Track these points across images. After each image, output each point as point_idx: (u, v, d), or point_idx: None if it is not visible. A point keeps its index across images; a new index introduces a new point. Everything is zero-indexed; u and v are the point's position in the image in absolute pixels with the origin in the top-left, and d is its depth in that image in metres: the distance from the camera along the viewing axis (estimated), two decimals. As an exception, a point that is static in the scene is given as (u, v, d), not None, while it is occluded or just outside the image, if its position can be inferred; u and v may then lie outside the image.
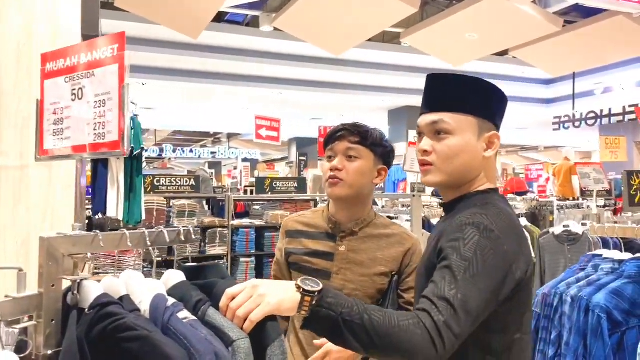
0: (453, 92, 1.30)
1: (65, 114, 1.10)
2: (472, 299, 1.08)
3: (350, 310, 1.04)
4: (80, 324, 0.93)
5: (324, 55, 8.97)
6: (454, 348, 1.05)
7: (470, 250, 1.12)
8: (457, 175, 1.29)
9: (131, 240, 1.05)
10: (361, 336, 1.04)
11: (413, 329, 1.03)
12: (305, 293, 1.05)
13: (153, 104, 12.36)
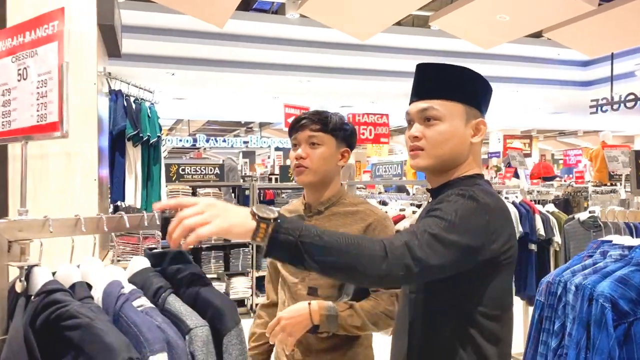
0: (442, 81, 1.35)
1: (13, 95, 1.08)
2: (441, 241, 1.13)
3: (308, 232, 1.07)
4: (26, 311, 0.91)
5: (351, 41, 8.86)
6: (404, 274, 1.09)
7: (452, 208, 1.19)
8: (445, 159, 1.34)
9: (86, 226, 1.03)
10: (320, 256, 1.06)
11: (372, 244, 1.09)
12: (260, 220, 1.05)
13: (184, 94, 12.48)
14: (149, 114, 3.92)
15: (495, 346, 1.26)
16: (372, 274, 1.08)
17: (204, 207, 1.03)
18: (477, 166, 1.38)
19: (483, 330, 1.25)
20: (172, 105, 13.87)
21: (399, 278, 1.11)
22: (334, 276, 1.15)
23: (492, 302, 1.26)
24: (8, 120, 1.10)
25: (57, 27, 1.03)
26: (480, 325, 1.25)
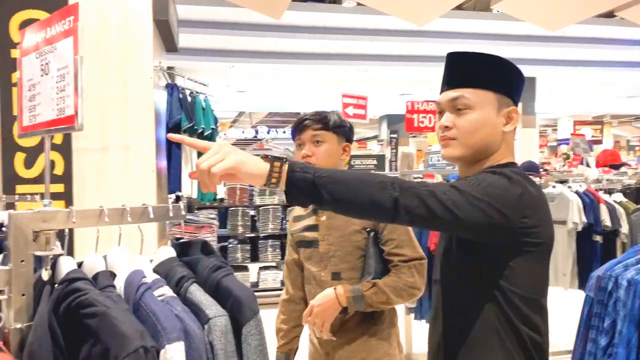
0: (473, 69, 1.33)
1: (37, 90, 1.12)
2: (465, 195, 1.12)
3: (321, 170, 1.10)
4: (50, 299, 0.95)
5: (409, 27, 8.69)
6: (413, 208, 1.09)
7: (481, 178, 1.19)
8: (477, 149, 1.32)
9: (109, 217, 1.06)
10: (337, 189, 1.08)
11: (385, 178, 1.11)
12: (274, 159, 1.09)
13: (245, 87, 12.69)
14: (203, 106, 4.01)
15: (532, 331, 1.23)
16: (385, 197, 1.09)
17: (217, 147, 1.06)
18: (509, 155, 1.35)
19: (518, 312, 1.22)
20: (234, 98, 14.15)
21: (411, 210, 1.10)
22: (349, 210, 1.14)
23: (525, 285, 1.23)
24: (34, 114, 1.15)
25: (72, 23, 1.06)
26: (516, 307, 1.22)
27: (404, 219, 1.11)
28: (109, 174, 3.48)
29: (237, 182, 1.03)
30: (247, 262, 6.26)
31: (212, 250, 1.19)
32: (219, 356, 1.00)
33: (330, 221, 1.94)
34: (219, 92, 12.95)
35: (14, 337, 0.94)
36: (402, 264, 1.82)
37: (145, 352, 0.87)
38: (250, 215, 6.23)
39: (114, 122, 3.47)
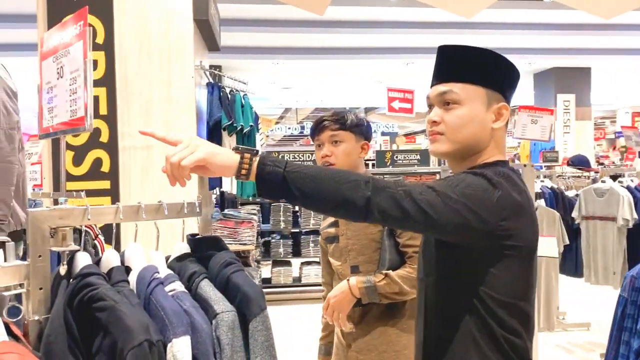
0: (462, 63, 1.31)
1: (54, 92, 1.17)
2: (441, 196, 1.11)
3: (293, 164, 1.09)
4: (65, 293, 0.99)
5: (455, 19, 8.52)
6: (386, 207, 1.08)
7: (458, 180, 1.17)
8: (465, 145, 1.29)
9: (124, 214, 1.10)
10: (307, 185, 1.07)
11: (359, 177, 1.09)
12: (244, 151, 1.09)
13: (290, 84, 12.79)
14: (242, 104, 4.07)
15: (510, 334, 1.21)
16: (355, 200, 1.07)
17: (187, 141, 1.07)
18: (499, 153, 1.32)
19: (494, 315, 1.20)
20: (279, 94, 14.28)
21: (382, 209, 1.08)
22: (319, 207, 1.14)
23: (503, 288, 1.20)
24: (52, 116, 1.20)
25: (82, 27, 1.10)
26: (491, 310, 1.19)
27: (376, 219, 1.10)
28: (153, 171, 3.59)
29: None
30: (290, 257, 6.33)
31: (224, 246, 1.22)
32: (226, 350, 1.02)
33: None
34: (264, 90, 13.11)
35: (33, 328, 0.99)
36: (416, 255, 1.80)
37: (150, 345, 0.90)
38: (292, 211, 6.28)
39: (157, 121, 3.57)
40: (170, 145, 1.08)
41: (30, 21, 4.10)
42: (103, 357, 0.95)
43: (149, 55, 3.55)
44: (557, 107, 11.50)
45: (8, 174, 2.07)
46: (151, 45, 3.56)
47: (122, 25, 3.49)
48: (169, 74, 3.58)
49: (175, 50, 3.58)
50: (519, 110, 3.33)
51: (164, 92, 3.57)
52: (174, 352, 0.96)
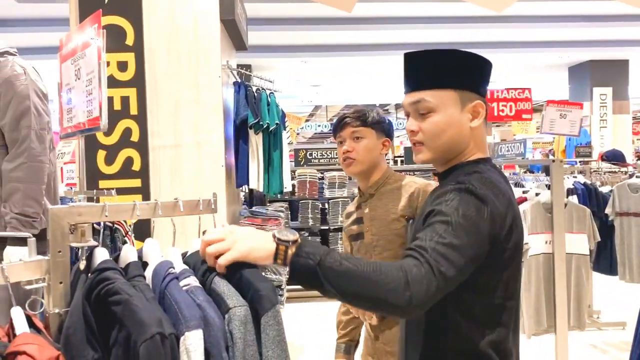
0: (429, 69, 1.31)
1: (72, 93, 1.20)
2: (454, 248, 1.12)
3: (327, 257, 1.07)
4: (84, 287, 1.03)
5: (486, 13, 8.40)
6: (429, 297, 1.08)
7: (452, 208, 1.17)
8: (446, 149, 1.32)
9: (141, 211, 1.13)
10: (338, 282, 1.06)
11: (393, 272, 1.06)
12: (279, 242, 1.08)
13: (319, 81, 12.81)
14: (268, 102, 4.10)
15: (486, 328, 1.25)
16: (400, 304, 1.05)
17: (224, 234, 1.08)
18: (479, 151, 1.34)
19: (470, 312, 1.24)
20: (309, 92, 14.32)
21: (426, 302, 1.08)
22: (356, 304, 1.17)
23: (488, 289, 1.25)
24: (70, 116, 1.24)
25: (96, 30, 1.13)
26: (472, 312, 1.24)
27: (414, 313, 1.11)
28: (182, 170, 3.66)
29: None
30: (319, 254, 6.33)
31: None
32: (238, 344, 1.03)
33: (372, 212, 2.03)
34: (293, 88, 13.16)
35: (53, 321, 1.03)
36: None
37: (162, 338, 0.93)
38: (320, 208, 6.30)
39: (186, 120, 3.64)
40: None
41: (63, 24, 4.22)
42: (119, 349, 0.98)
43: (177, 55, 3.62)
44: (593, 101, 11.21)
45: (39, 173, 2.14)
46: (179, 46, 3.62)
47: (151, 27, 3.57)
48: (197, 74, 3.64)
49: (202, 50, 3.64)
50: (547, 105, 3.26)
51: (192, 91, 3.63)
52: (187, 345, 0.98)
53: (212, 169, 3.72)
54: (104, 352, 1.01)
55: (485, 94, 1.34)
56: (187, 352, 0.98)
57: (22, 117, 2.09)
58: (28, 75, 2.16)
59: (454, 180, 1.26)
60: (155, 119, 3.59)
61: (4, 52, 2.26)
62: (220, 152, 3.70)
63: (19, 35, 8.11)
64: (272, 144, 4.14)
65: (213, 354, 1.01)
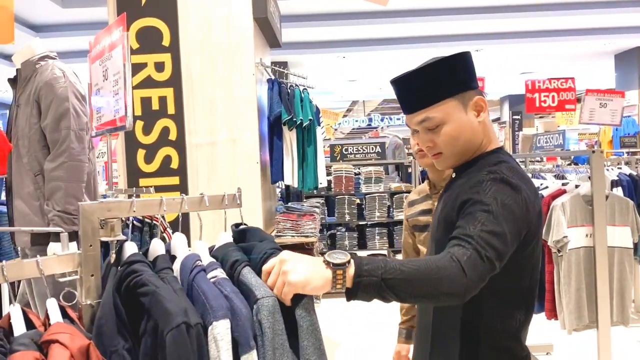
0: (421, 89, 1.34)
1: (101, 94, 1.25)
2: (497, 235, 1.16)
3: (386, 269, 1.08)
4: (114, 279, 1.07)
5: (525, 2, 8.19)
6: (481, 281, 1.13)
7: (491, 197, 1.21)
8: (464, 151, 1.37)
9: (167, 206, 1.16)
10: (404, 289, 1.09)
11: (447, 264, 1.11)
12: (336, 267, 1.07)
13: (356, 76, 12.76)
14: (301, 98, 4.13)
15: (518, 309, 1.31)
16: (458, 292, 1.11)
17: (278, 266, 1.08)
18: (492, 140, 1.40)
19: (501, 294, 1.29)
20: (346, 87, 14.29)
21: (478, 286, 1.14)
22: (418, 303, 1.21)
23: (523, 275, 1.31)
24: (99, 115, 1.28)
25: (120, 32, 1.16)
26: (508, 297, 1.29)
27: (469, 297, 1.15)
28: (218, 167, 3.73)
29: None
30: (355, 249, 6.35)
31: (265, 236, 1.26)
32: (267, 334, 1.06)
33: None
34: (329, 83, 13.17)
35: (86, 312, 1.07)
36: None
37: (187, 327, 0.96)
38: (357, 203, 6.30)
39: (221, 118, 3.71)
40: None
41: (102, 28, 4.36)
42: (148, 338, 1.02)
43: (212, 55, 3.69)
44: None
45: (79, 171, 2.22)
46: (213, 45, 3.69)
47: (186, 28, 3.65)
48: (231, 72, 3.70)
49: (236, 49, 3.69)
50: (586, 94, 3.16)
51: (227, 90, 3.69)
52: (215, 335, 1.01)
53: (247, 165, 3.77)
54: (134, 341, 1.05)
55: (476, 83, 1.37)
56: (215, 341, 1.01)
57: (61, 119, 2.18)
58: (67, 78, 2.25)
59: (485, 170, 1.30)
60: (192, 118, 3.66)
61: (44, 56, 2.36)
62: (255, 149, 3.74)
63: (65, 39, 8.39)
64: (306, 139, 4.16)
65: (241, 343, 1.04)
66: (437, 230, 1.41)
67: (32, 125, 2.24)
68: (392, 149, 7.70)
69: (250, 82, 3.76)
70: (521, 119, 15.39)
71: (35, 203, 2.29)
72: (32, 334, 0.95)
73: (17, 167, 2.32)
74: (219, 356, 1.00)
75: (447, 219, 1.32)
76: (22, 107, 2.30)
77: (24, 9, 7.36)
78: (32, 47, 2.35)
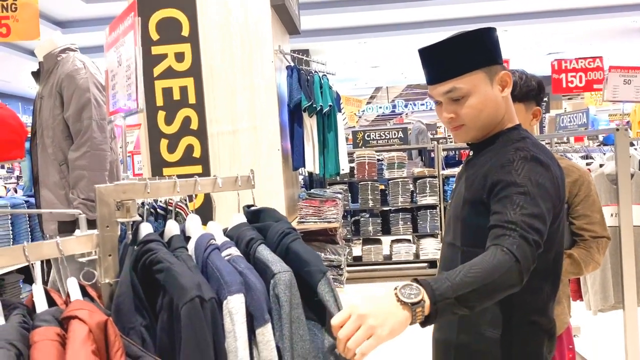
0: (450, 58, 1.34)
1: (115, 80, 1.27)
2: (537, 217, 1.17)
3: (454, 286, 1.07)
4: (131, 258, 1.10)
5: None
6: (532, 265, 1.15)
7: (525, 178, 1.22)
8: (486, 125, 1.37)
9: (180, 187, 1.19)
10: (475, 299, 1.08)
11: (502, 259, 1.12)
12: (415, 306, 1.04)
13: (379, 62, 12.67)
14: (321, 84, 4.13)
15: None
16: (517, 282, 1.12)
17: (358, 320, 1.01)
18: (511, 117, 1.40)
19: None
20: (368, 74, 14.20)
21: (530, 270, 1.15)
22: (489, 303, 1.16)
23: (554, 245, 1.32)
24: (114, 101, 1.31)
25: (132, 18, 1.19)
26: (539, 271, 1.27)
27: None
28: (239, 155, 3.77)
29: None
30: (379, 235, 6.35)
31: (280, 216, 1.29)
32: (285, 307, 1.09)
33: None
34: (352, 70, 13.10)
35: (105, 291, 1.11)
36: (591, 239, 1.90)
37: (201, 301, 0.99)
38: (381, 189, 6.28)
39: (241, 106, 3.73)
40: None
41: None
42: (165, 314, 1.05)
43: (230, 43, 3.71)
44: (674, 66, 10.43)
45: (102, 160, 2.28)
46: (232, 34, 3.71)
47: (205, 17, 3.67)
48: (250, 60, 3.72)
49: (254, 36, 3.70)
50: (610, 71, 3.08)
51: (246, 77, 3.71)
52: (229, 309, 1.04)
53: (268, 152, 3.79)
54: (153, 318, 1.09)
55: (501, 59, 1.38)
56: (230, 315, 1.04)
57: (83, 109, 2.23)
58: (87, 69, 2.30)
59: (511, 148, 1.30)
60: (213, 107, 3.70)
61: (66, 48, 2.41)
62: (276, 136, 3.76)
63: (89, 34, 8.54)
64: (327, 125, 4.16)
65: (256, 317, 1.07)
66: (462, 209, 1.39)
67: (56, 116, 2.30)
68: (416, 134, 7.65)
69: (269, 70, 3.77)
70: (548, 101, 15.08)
71: (61, 192, 2.36)
72: (53, 311, 0.99)
73: (42, 158, 2.39)
74: (234, 329, 1.03)
75: (475, 199, 1.32)
76: (46, 99, 2.37)
77: (48, 5, 7.50)
78: (54, 40, 2.40)
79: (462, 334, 1.38)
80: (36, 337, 0.93)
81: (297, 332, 1.09)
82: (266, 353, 1.05)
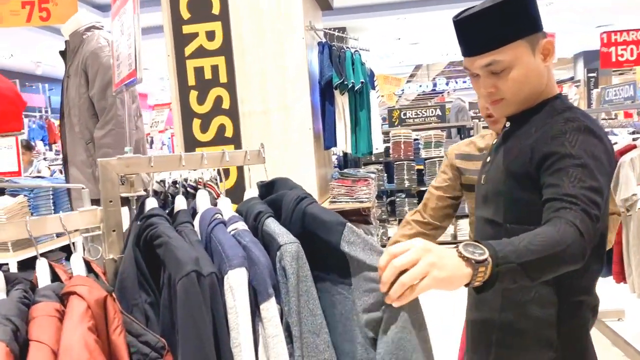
0: (490, 29, 1.24)
1: (119, 50, 1.24)
2: (595, 191, 1.12)
3: (519, 252, 1.01)
4: (134, 233, 1.08)
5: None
6: (595, 240, 1.12)
7: (580, 150, 1.16)
8: (528, 97, 1.30)
9: (186, 161, 1.15)
10: (538, 268, 1.03)
11: (567, 230, 1.06)
12: (478, 264, 0.96)
13: (418, 39, 12.39)
14: (353, 61, 4.03)
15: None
16: (580, 257, 1.07)
17: (419, 252, 0.92)
18: (553, 86, 1.32)
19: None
20: (408, 51, 13.91)
21: (592, 246, 1.10)
22: (546, 278, 1.10)
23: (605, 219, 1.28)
24: (119, 72, 1.28)
25: (133, -12, 1.15)
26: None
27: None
28: (271, 134, 3.74)
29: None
30: (416, 215, 6.23)
31: (295, 185, 1.25)
32: (292, 279, 1.04)
33: None
34: (390, 47, 12.85)
35: (109, 267, 1.10)
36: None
37: (198, 276, 0.95)
38: (417, 169, 6.16)
39: (272, 85, 3.70)
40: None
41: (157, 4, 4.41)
42: (165, 290, 1.02)
43: (261, 20, 3.66)
44: None
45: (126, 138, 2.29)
46: (262, 10, 3.65)
47: (238, 0, 3.63)
48: (280, 37, 3.66)
49: (285, 12, 3.64)
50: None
51: (277, 55, 3.66)
52: (230, 283, 1.01)
53: (300, 131, 3.75)
54: (157, 295, 1.07)
55: (541, 24, 1.28)
56: (231, 289, 1.01)
57: (107, 87, 2.24)
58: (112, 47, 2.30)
59: (561, 118, 1.23)
60: (244, 86, 3.67)
61: (91, 26, 2.42)
62: (307, 115, 3.71)
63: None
64: (359, 103, 4.07)
65: (259, 291, 1.03)
66: (504, 184, 1.31)
67: (82, 94, 2.32)
68: (455, 112, 7.46)
69: (300, 47, 3.71)
70: (597, 77, 14.46)
71: (88, 170, 2.38)
72: (54, 286, 0.98)
73: (70, 137, 2.42)
74: (236, 305, 0.99)
75: (519, 172, 1.25)
76: (72, 77, 2.39)
77: (88, -11, 7.62)
78: (79, 18, 2.41)
79: (505, 313, 1.32)
80: (35, 313, 0.92)
81: (305, 306, 1.05)
82: (271, 329, 1.01)
